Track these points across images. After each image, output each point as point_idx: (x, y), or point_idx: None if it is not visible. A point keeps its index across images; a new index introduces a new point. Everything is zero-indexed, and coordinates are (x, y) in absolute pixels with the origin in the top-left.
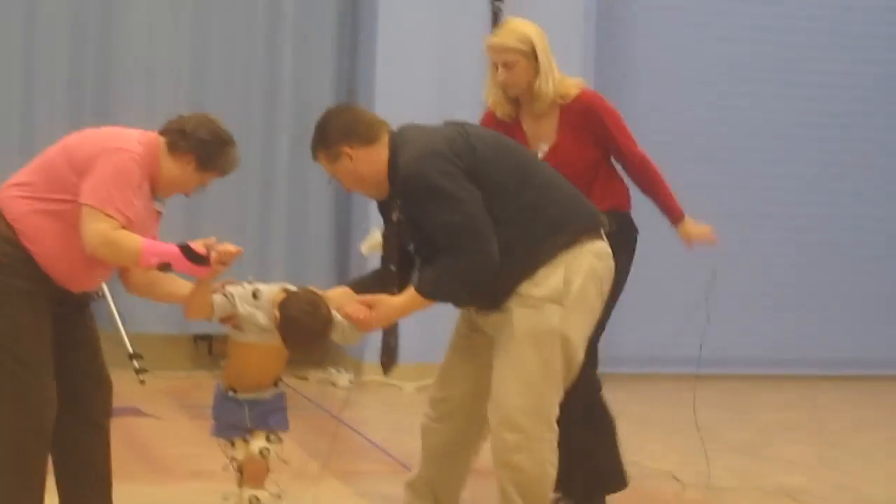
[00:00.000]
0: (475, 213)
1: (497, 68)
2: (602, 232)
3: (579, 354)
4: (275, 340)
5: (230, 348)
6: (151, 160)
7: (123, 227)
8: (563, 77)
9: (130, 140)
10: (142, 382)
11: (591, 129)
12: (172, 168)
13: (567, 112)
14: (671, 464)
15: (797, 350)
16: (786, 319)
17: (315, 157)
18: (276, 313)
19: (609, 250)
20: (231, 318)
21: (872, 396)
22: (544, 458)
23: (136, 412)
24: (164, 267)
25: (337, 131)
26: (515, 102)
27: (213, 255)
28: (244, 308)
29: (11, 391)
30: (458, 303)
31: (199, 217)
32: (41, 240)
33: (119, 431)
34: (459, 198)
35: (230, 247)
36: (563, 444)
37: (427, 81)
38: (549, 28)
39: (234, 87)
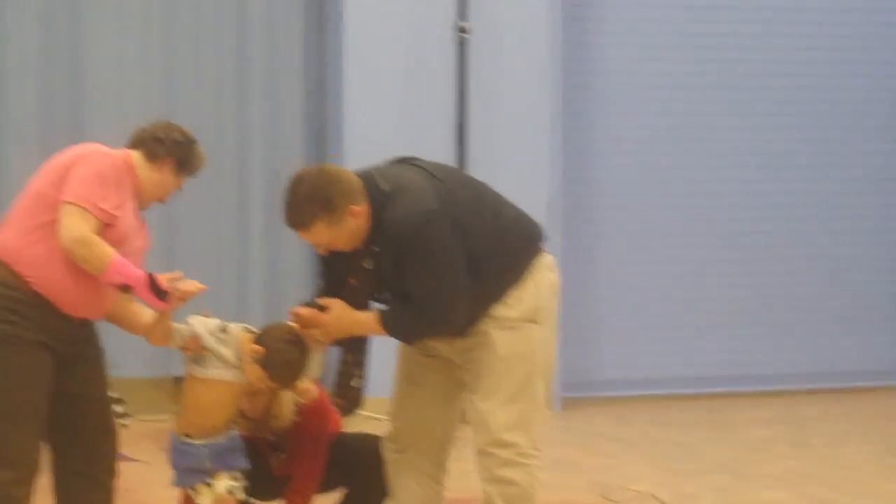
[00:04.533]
0: (457, 281)
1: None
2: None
3: (554, 369)
4: (235, 377)
5: (185, 387)
6: (130, 169)
7: (106, 226)
8: None
9: (105, 149)
10: (124, 426)
11: None
12: (152, 176)
13: None
14: (654, 485)
15: (777, 365)
16: (766, 335)
17: (309, 226)
18: (254, 347)
19: (553, 260)
20: (191, 348)
21: (854, 409)
22: (533, 474)
23: (120, 457)
24: (125, 288)
25: (339, 194)
26: None
27: (176, 292)
28: (209, 341)
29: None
30: (408, 344)
31: (178, 231)
32: (40, 268)
33: None
34: (449, 264)
35: (192, 285)
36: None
37: (396, 83)
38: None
39: (206, 89)
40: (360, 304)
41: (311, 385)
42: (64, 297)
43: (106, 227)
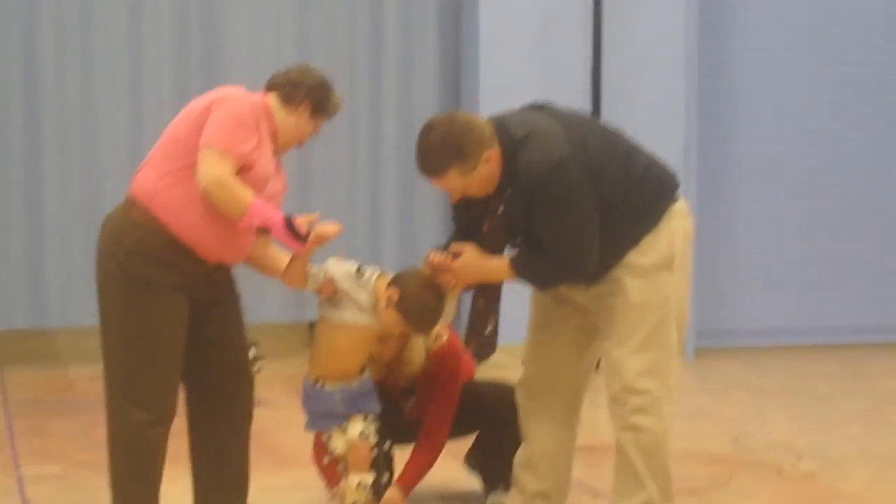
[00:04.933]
0: (589, 228)
1: None
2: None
3: (687, 317)
4: (370, 322)
5: (319, 332)
6: (268, 113)
7: (244, 169)
8: None
9: (242, 93)
10: (257, 371)
11: None
12: (288, 119)
13: None
14: (788, 434)
15: None
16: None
17: (442, 174)
18: (391, 292)
19: (688, 208)
20: (326, 291)
21: None
22: (667, 422)
23: (255, 401)
24: (263, 231)
25: (471, 142)
26: None
27: (312, 234)
28: (344, 285)
29: (132, 388)
30: (541, 290)
31: (312, 177)
32: (178, 213)
33: None
34: (581, 212)
35: (329, 227)
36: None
37: (530, 58)
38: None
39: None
40: (494, 250)
41: (443, 331)
42: (201, 241)
43: (243, 170)
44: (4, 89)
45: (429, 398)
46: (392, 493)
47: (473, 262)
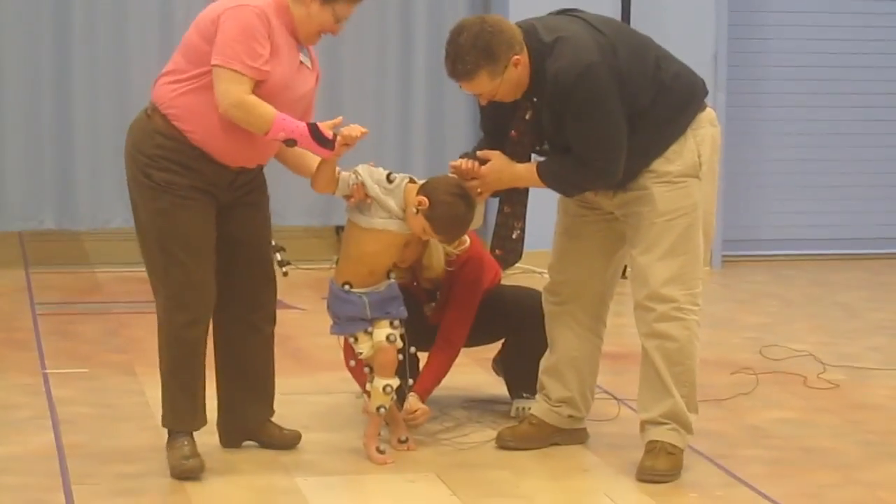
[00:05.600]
0: (617, 134)
1: None
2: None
3: (714, 225)
4: (399, 228)
5: (347, 236)
6: (282, 11)
7: (259, 82)
8: None
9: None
10: (285, 274)
11: None
12: (300, 11)
13: None
14: (813, 345)
15: None
16: None
17: (472, 77)
18: (420, 198)
19: (715, 116)
20: (357, 196)
21: None
22: (692, 329)
23: (280, 304)
24: (290, 142)
25: (501, 44)
26: None
27: (339, 138)
28: (374, 191)
29: (169, 289)
30: (567, 196)
31: (341, 82)
32: (194, 119)
33: None
34: (609, 117)
35: (355, 130)
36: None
37: None
38: None
39: None
40: (521, 157)
41: (465, 236)
42: (217, 148)
43: (259, 83)
44: None
45: (448, 302)
46: (412, 401)
47: (501, 168)
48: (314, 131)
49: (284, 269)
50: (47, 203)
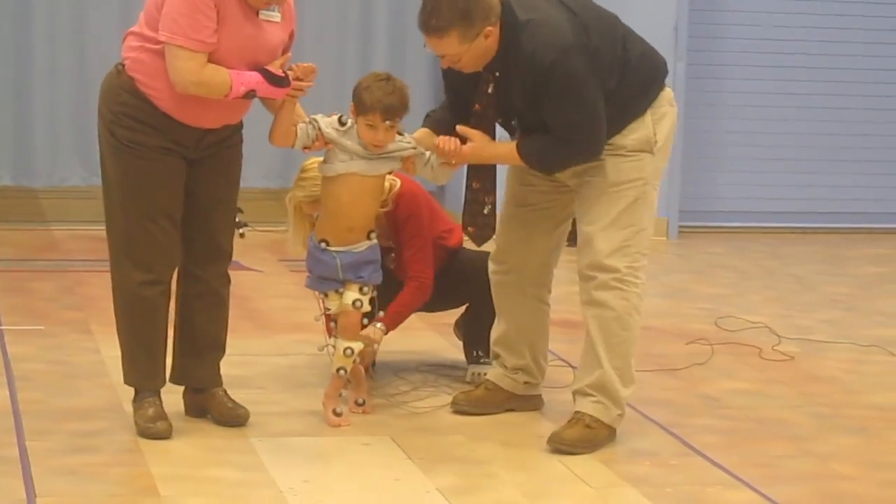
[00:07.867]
0: (597, 114)
1: None
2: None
3: (657, 201)
4: (363, 169)
5: (322, 193)
6: None
7: (208, 54)
8: None
9: None
10: (241, 236)
11: None
12: None
13: None
14: (768, 316)
15: (893, 203)
16: (885, 173)
17: (443, 34)
18: (351, 105)
19: (672, 95)
20: (317, 146)
21: None
22: (632, 300)
23: (237, 266)
24: (250, 94)
25: (480, 11)
26: None
27: (291, 73)
28: (331, 135)
29: (130, 249)
30: (549, 174)
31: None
32: (154, 80)
33: None
34: (590, 99)
35: (306, 64)
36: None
37: None
38: None
39: None
40: (486, 129)
41: (394, 178)
42: (176, 109)
43: (210, 53)
44: None
45: (401, 242)
46: (370, 329)
47: (482, 147)
48: (266, 75)
49: (241, 231)
50: (4, 159)
